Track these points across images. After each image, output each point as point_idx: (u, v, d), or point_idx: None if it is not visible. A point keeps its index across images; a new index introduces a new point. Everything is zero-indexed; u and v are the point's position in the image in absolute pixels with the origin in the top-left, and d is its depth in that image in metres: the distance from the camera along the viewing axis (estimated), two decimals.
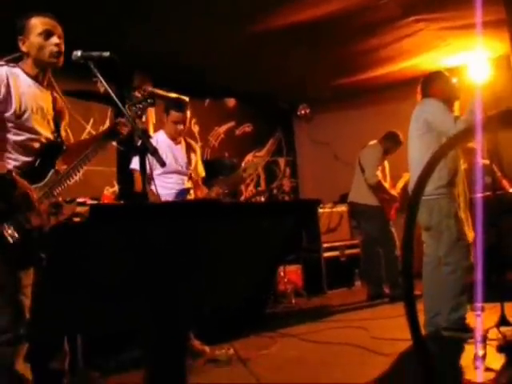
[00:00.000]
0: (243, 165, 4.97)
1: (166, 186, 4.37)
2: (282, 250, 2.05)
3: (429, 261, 4.42)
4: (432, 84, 4.55)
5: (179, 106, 4.57)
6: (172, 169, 4.45)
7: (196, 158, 4.77)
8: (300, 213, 1.66)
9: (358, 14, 5.62)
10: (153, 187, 3.70)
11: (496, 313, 4.07)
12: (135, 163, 4.37)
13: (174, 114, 4.56)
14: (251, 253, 1.88)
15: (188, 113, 4.65)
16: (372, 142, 6.81)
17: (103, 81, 2.68)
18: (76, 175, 3.02)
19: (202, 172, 4.83)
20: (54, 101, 3.11)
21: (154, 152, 2.50)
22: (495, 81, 5.73)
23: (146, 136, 2.53)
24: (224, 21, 5.56)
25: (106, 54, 2.75)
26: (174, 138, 4.62)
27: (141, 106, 3.10)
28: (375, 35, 6.33)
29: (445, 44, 6.93)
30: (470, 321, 4.26)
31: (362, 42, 6.51)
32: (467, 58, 7.36)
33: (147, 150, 2.51)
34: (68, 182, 2.98)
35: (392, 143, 6.66)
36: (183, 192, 4.53)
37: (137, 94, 2.99)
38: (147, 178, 2.97)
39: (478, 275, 3.85)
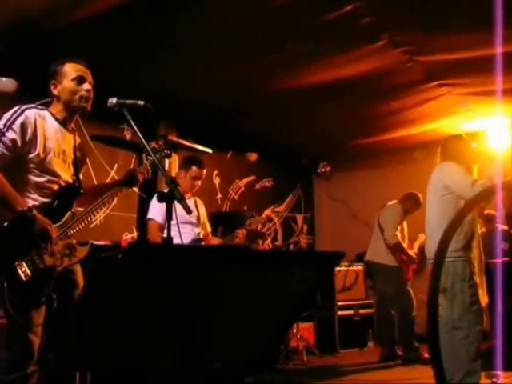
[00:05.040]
0: (248, 220, 5.02)
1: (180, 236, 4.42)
2: (302, 303, 2.07)
3: (442, 324, 4.34)
4: (451, 147, 4.58)
5: (200, 162, 4.71)
6: (185, 219, 4.50)
7: (203, 214, 4.89)
8: (324, 264, 1.69)
9: (383, 76, 5.70)
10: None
11: None
12: (152, 213, 4.44)
13: (195, 170, 4.69)
14: (272, 301, 1.90)
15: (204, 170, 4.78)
16: (392, 202, 6.77)
17: (136, 128, 2.75)
18: (91, 218, 3.07)
19: (208, 227, 4.95)
20: (75, 145, 3.19)
21: (182, 199, 2.54)
22: None
23: (174, 184, 2.58)
24: (249, 77, 5.67)
25: (141, 102, 2.82)
26: (186, 193, 4.70)
27: (157, 156, 3.10)
28: (398, 98, 6.41)
29: (466, 109, 6.97)
30: None
31: (384, 103, 6.59)
32: (487, 124, 7.41)
33: (174, 197, 2.55)
34: (83, 224, 3.02)
35: (412, 204, 6.63)
36: (197, 241, 4.58)
37: (153, 144, 3.04)
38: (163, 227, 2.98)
39: (497, 342, 3.79)
